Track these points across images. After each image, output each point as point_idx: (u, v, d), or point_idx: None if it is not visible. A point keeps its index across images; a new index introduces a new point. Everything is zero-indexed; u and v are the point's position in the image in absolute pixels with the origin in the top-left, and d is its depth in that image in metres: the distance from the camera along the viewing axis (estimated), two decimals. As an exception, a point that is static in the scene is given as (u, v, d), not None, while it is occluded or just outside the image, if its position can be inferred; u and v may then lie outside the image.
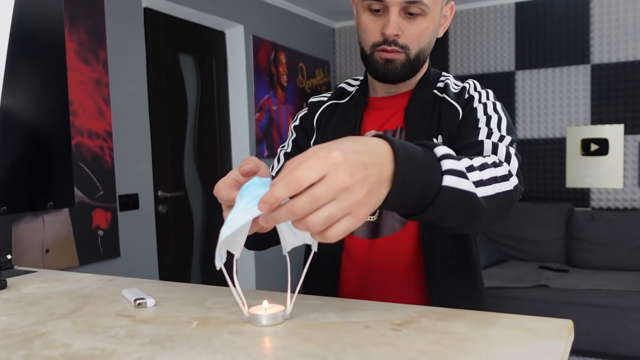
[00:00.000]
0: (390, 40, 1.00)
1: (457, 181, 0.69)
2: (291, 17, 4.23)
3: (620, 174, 3.91)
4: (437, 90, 1.10)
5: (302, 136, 1.18)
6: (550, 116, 4.13)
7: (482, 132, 0.96)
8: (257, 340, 0.63)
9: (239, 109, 3.72)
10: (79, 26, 2.49)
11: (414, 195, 0.65)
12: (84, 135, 2.50)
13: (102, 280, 1.00)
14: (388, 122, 1.10)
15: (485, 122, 0.99)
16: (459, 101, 1.06)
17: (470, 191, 0.71)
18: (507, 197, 0.79)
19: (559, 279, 3.44)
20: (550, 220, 3.89)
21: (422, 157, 0.66)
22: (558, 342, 0.60)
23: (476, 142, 0.93)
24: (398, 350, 0.59)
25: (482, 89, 1.08)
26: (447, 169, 0.68)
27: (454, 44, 4.41)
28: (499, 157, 0.87)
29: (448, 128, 1.03)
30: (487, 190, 0.75)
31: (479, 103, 1.04)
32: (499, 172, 0.79)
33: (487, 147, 0.91)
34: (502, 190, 0.78)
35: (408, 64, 1.03)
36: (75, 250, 2.46)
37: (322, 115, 1.17)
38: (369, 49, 1.04)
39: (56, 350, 0.63)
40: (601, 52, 3.96)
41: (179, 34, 3.32)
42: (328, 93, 1.23)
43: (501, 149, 0.90)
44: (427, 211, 0.67)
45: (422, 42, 1.02)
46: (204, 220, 3.49)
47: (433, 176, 0.67)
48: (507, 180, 0.80)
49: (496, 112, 1.01)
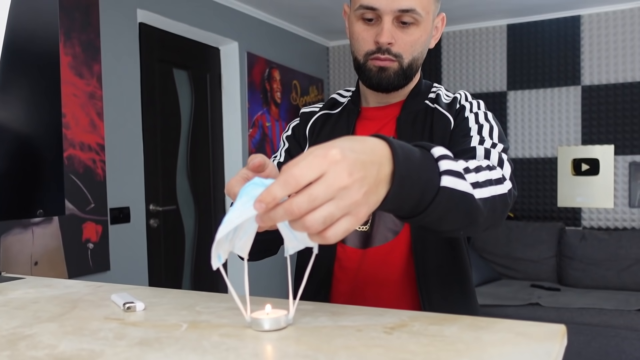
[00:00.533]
0: (383, 48, 1.01)
1: (455, 182, 0.68)
2: (286, 34, 4.26)
3: (611, 194, 3.94)
4: (429, 100, 1.11)
5: (294, 146, 1.18)
6: (542, 136, 4.16)
7: (474, 140, 0.96)
8: (247, 342, 0.63)
9: (233, 124, 3.73)
10: (74, 40, 2.49)
11: (413, 196, 0.64)
12: (76, 147, 2.49)
13: (92, 287, 0.99)
14: (380, 132, 1.10)
15: (477, 130, 0.99)
16: (450, 111, 1.07)
17: (468, 192, 0.71)
18: (501, 201, 0.79)
19: (550, 298, 3.44)
20: (541, 239, 3.90)
21: (420, 157, 0.66)
22: (551, 346, 0.60)
23: (468, 148, 0.94)
24: (390, 352, 0.58)
25: (473, 99, 1.09)
26: (445, 170, 0.68)
27: (447, 64, 4.46)
28: (492, 162, 0.88)
29: (440, 138, 1.04)
30: (484, 193, 0.75)
31: (470, 112, 1.04)
32: (494, 175, 0.79)
33: (479, 152, 0.92)
34: (497, 194, 0.78)
35: (401, 72, 1.03)
36: (65, 263, 2.43)
37: (314, 126, 1.17)
38: (362, 57, 1.04)
39: (42, 351, 0.62)
40: (591, 73, 4.01)
41: (174, 49, 3.33)
42: (320, 103, 1.23)
43: (493, 155, 0.91)
44: (425, 212, 0.66)
45: (415, 51, 1.03)
46: (196, 235, 3.46)
47: (431, 176, 0.66)
48: (502, 184, 0.80)
49: (487, 120, 1.02)
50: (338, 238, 0.56)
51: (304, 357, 0.57)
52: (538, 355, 0.57)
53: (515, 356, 0.57)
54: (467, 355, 0.57)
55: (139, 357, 0.59)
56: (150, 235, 3.04)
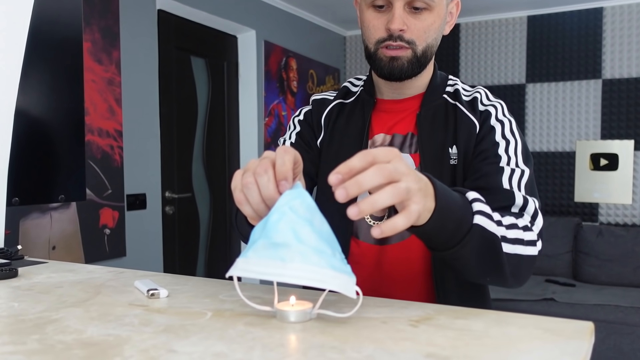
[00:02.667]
0: (395, 35, 0.98)
1: (486, 222, 0.75)
2: (303, 23, 4.24)
3: (629, 189, 3.89)
4: (447, 95, 1.08)
5: (307, 131, 1.16)
6: (560, 130, 4.11)
7: (506, 172, 0.95)
8: (272, 332, 0.63)
9: (249, 113, 3.73)
10: (93, 26, 2.50)
11: (449, 227, 0.71)
12: (94, 133, 2.50)
13: (113, 272, 0.99)
14: (397, 125, 1.08)
15: (504, 147, 0.98)
16: (473, 113, 1.04)
17: (496, 233, 0.76)
18: (528, 261, 0.83)
19: (565, 294, 3.41)
20: (557, 234, 3.86)
21: (457, 196, 0.73)
22: (580, 343, 0.59)
23: (506, 192, 0.92)
24: (417, 345, 0.58)
25: (496, 100, 1.06)
26: (477, 210, 0.74)
27: (465, 55, 4.41)
28: (527, 213, 0.90)
29: (465, 141, 1.01)
30: (508, 248, 0.79)
31: (496, 121, 1.02)
32: (527, 236, 0.83)
33: (518, 201, 0.91)
34: (524, 254, 0.82)
35: (415, 60, 1.00)
36: (82, 248, 2.46)
37: (329, 115, 1.15)
38: (373, 46, 1.02)
39: (70, 336, 0.62)
40: (613, 67, 3.95)
41: (192, 36, 3.33)
42: (332, 92, 1.20)
43: (530, 207, 0.91)
44: (458, 246, 0.72)
45: (428, 37, 1.00)
46: (210, 222, 3.48)
47: (466, 213, 0.73)
48: (534, 246, 0.84)
49: (512, 134, 1.00)
50: (387, 200, 0.62)
51: (331, 349, 0.57)
52: (567, 353, 0.56)
53: (544, 353, 0.56)
54: (495, 351, 0.56)
55: (165, 344, 0.59)
56: (165, 222, 3.06)
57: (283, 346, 0.58)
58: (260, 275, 0.60)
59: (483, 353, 0.56)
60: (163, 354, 0.56)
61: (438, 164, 1.02)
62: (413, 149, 1.05)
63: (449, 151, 1.02)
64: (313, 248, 0.60)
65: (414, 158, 1.04)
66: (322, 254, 0.61)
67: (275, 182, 0.66)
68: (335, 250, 0.63)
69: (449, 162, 1.01)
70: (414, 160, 1.04)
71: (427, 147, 1.03)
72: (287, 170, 0.66)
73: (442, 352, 0.56)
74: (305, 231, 0.61)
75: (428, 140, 1.03)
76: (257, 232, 0.64)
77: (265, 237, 0.61)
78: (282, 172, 0.66)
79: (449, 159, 1.01)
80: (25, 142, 1.18)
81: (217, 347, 0.58)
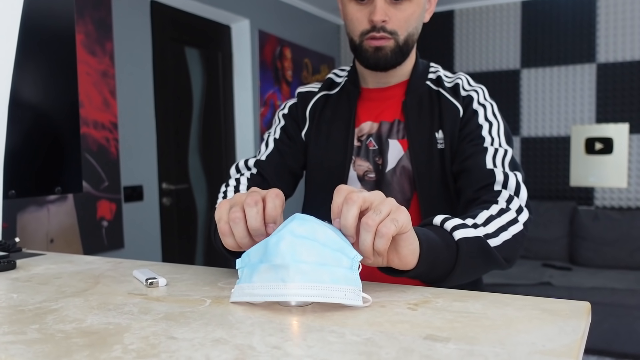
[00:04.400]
0: (378, 27, 1.01)
1: (464, 232, 0.79)
2: (297, 12, 4.22)
3: (624, 173, 3.91)
4: (430, 82, 1.12)
5: (292, 125, 1.18)
6: (555, 115, 4.12)
7: (489, 153, 0.99)
8: (272, 317, 0.63)
9: (244, 103, 3.72)
10: (86, 17, 2.48)
11: (440, 256, 0.75)
12: (89, 126, 2.49)
13: (112, 263, 1.00)
14: (383, 113, 1.12)
15: (487, 129, 1.03)
16: (456, 98, 1.08)
17: (479, 235, 0.81)
18: (517, 238, 0.87)
19: (562, 277, 3.44)
20: (554, 219, 3.88)
21: (429, 230, 0.78)
22: (578, 322, 0.59)
23: (487, 171, 0.97)
24: (416, 328, 0.58)
25: (477, 85, 1.10)
26: (452, 227, 0.80)
27: (460, 41, 4.40)
28: (509, 191, 0.93)
29: (450, 125, 1.06)
30: (495, 242, 0.84)
31: (478, 105, 1.06)
32: (506, 218, 0.87)
33: (498, 177, 0.95)
34: (510, 236, 0.86)
35: (398, 49, 1.04)
36: (80, 240, 2.46)
37: (315, 107, 1.18)
38: (357, 38, 1.05)
39: (70, 325, 0.62)
40: (607, 51, 3.95)
41: (186, 27, 3.31)
42: (317, 84, 1.23)
43: (511, 181, 0.94)
44: (455, 267, 0.77)
45: (409, 26, 1.04)
46: (208, 213, 3.48)
47: (446, 238, 0.78)
48: (517, 222, 0.88)
49: (495, 116, 1.05)
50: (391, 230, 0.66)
51: (330, 333, 0.57)
52: (565, 332, 0.56)
53: (543, 333, 0.56)
54: (494, 331, 0.57)
55: (165, 331, 0.59)
56: (163, 214, 3.06)
57: (282, 331, 0.58)
58: (264, 298, 0.64)
59: (482, 334, 0.56)
60: (163, 340, 0.56)
61: (427, 149, 1.06)
62: (400, 135, 1.09)
63: (435, 136, 1.06)
64: (313, 264, 0.62)
65: (402, 144, 1.09)
66: (323, 267, 0.62)
67: (263, 215, 0.69)
68: (343, 257, 0.64)
69: (436, 147, 1.06)
70: (402, 145, 1.08)
71: (415, 133, 1.07)
72: (277, 215, 0.69)
73: (440, 333, 0.56)
74: (304, 249, 0.62)
75: (415, 126, 1.08)
76: (253, 255, 0.66)
77: (266, 261, 0.64)
78: (272, 215, 0.69)
79: (436, 143, 1.06)
80: (20, 135, 1.17)
81: (216, 333, 0.58)
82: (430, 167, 1.05)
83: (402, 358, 0.50)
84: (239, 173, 1.11)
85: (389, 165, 1.09)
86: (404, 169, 1.08)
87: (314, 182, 1.16)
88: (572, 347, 0.52)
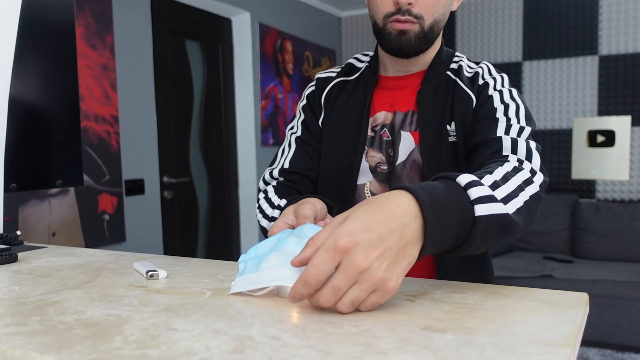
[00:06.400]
0: (403, 9, 0.96)
1: (488, 207, 0.68)
2: (298, 5, 4.21)
3: (626, 165, 3.90)
4: (451, 72, 1.07)
5: (310, 117, 1.15)
6: (557, 107, 4.11)
7: (501, 126, 0.93)
8: (271, 309, 0.63)
9: (245, 96, 3.71)
10: (86, 10, 2.48)
11: (450, 237, 0.65)
12: (90, 119, 2.50)
13: (113, 255, 1.00)
14: (398, 102, 1.08)
15: (503, 111, 0.96)
16: (472, 88, 1.03)
17: (502, 213, 0.70)
18: (535, 200, 0.77)
19: (563, 270, 3.44)
20: (555, 211, 3.88)
21: (447, 194, 0.65)
22: (575, 313, 0.60)
23: (494, 138, 0.91)
24: (414, 319, 0.58)
25: (497, 74, 1.05)
26: (475, 198, 0.67)
27: (461, 33, 4.39)
28: (519, 156, 0.86)
29: (462, 116, 1.01)
30: (517, 203, 0.73)
31: (494, 90, 1.01)
32: (522, 177, 0.78)
33: (505, 144, 0.89)
34: (529, 196, 0.76)
35: (422, 35, 0.99)
36: (82, 233, 2.46)
37: (330, 93, 1.14)
38: (381, 20, 1.00)
39: (71, 317, 0.63)
40: (609, 43, 3.93)
41: (186, 20, 3.31)
42: (337, 68, 1.19)
43: (521, 146, 0.88)
44: (465, 245, 0.67)
45: (436, 12, 0.99)
46: (209, 206, 3.49)
47: (464, 210, 0.66)
48: (532, 183, 0.79)
49: (513, 99, 0.99)
50: (370, 309, 0.60)
51: (329, 323, 0.57)
52: (563, 323, 0.57)
53: (541, 323, 0.57)
54: (491, 322, 0.57)
55: (166, 322, 0.60)
56: (164, 207, 3.07)
57: (282, 322, 0.59)
58: (271, 283, 0.66)
59: (479, 325, 0.56)
60: (163, 331, 0.56)
61: (437, 142, 1.01)
62: (413, 127, 1.05)
63: (447, 128, 1.01)
64: None
65: (414, 136, 1.05)
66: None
67: None
68: None
69: (447, 140, 1.01)
70: (414, 138, 1.04)
71: (426, 125, 1.03)
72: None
73: (438, 324, 0.57)
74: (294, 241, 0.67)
75: (427, 118, 1.03)
76: (262, 248, 0.70)
77: (277, 250, 0.67)
78: None
79: (448, 136, 1.01)
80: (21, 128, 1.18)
81: (216, 324, 0.58)
82: (439, 161, 1.00)
83: (400, 348, 0.50)
84: (266, 184, 1.10)
85: (400, 158, 1.05)
86: (414, 162, 1.04)
87: (323, 172, 1.11)
88: (569, 338, 0.52)
